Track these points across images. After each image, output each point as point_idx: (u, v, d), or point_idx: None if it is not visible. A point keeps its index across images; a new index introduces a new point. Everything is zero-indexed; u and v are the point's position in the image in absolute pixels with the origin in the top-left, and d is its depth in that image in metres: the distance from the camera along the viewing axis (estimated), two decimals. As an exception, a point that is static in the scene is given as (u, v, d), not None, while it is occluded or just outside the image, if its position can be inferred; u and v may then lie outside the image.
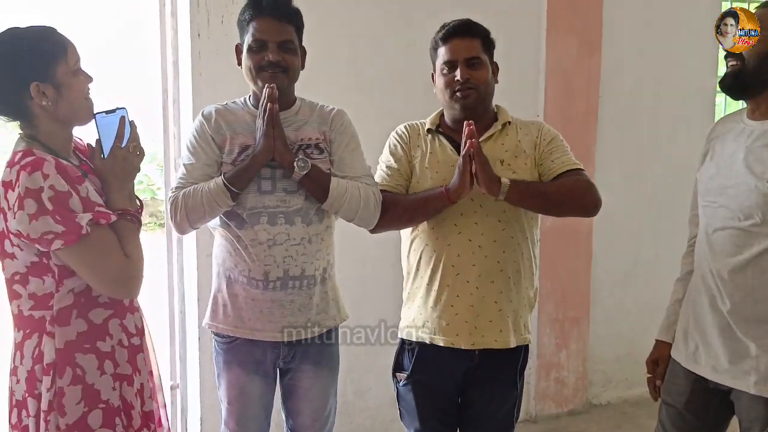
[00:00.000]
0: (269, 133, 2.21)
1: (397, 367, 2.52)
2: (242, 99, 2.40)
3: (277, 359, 2.40)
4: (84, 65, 1.90)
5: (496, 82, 2.44)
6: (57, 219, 1.72)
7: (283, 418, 2.55)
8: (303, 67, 2.37)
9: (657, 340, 2.37)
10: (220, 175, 2.27)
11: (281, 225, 2.30)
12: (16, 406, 1.86)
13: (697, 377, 2.15)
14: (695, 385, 2.16)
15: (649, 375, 2.38)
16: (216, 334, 2.44)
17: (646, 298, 4.15)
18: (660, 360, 2.33)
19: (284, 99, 2.30)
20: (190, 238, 3.36)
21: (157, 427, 2.04)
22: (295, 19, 2.30)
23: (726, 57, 2.11)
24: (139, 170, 1.96)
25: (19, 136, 1.87)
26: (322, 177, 2.29)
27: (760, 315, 2.02)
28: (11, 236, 1.78)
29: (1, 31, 1.83)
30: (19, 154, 1.78)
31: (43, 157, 1.76)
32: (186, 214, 2.26)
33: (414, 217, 2.38)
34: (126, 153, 1.92)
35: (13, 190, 1.73)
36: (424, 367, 2.45)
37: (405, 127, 2.50)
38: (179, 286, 3.48)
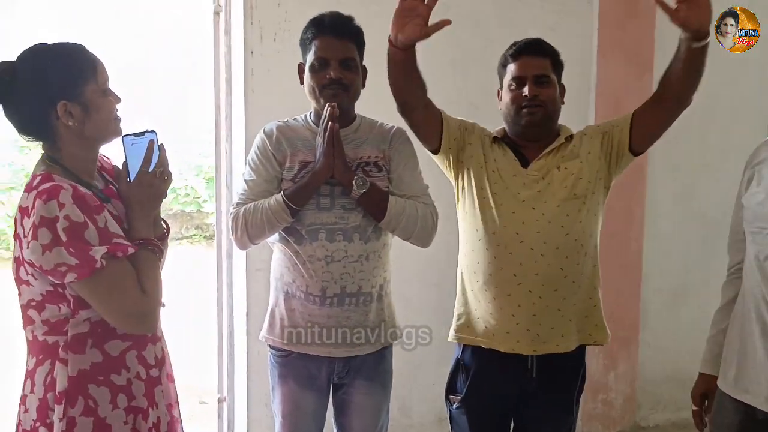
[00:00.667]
0: (329, 152, 2.23)
1: (451, 389, 2.50)
2: (303, 116, 2.42)
3: (331, 374, 2.41)
4: (112, 85, 1.83)
5: (563, 103, 2.44)
6: (71, 251, 1.64)
7: None
8: (364, 85, 2.38)
9: (702, 374, 2.28)
10: (280, 191, 2.29)
11: (339, 242, 2.31)
12: None
13: (746, 408, 2.07)
14: (744, 417, 2.08)
15: (695, 408, 2.30)
16: (272, 348, 2.45)
17: (696, 319, 4.04)
18: (708, 393, 2.25)
19: (344, 116, 2.31)
20: (240, 252, 3.38)
21: None
22: (357, 38, 2.33)
23: None
24: (165, 196, 1.89)
25: (40, 157, 1.80)
26: (380, 196, 2.29)
27: None
28: (26, 264, 1.71)
29: (29, 47, 1.77)
30: (38, 179, 1.71)
31: (61, 184, 1.67)
32: (246, 229, 2.29)
33: (399, 73, 2.27)
34: (152, 178, 1.84)
35: (29, 217, 1.66)
36: (479, 387, 2.43)
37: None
38: (228, 300, 3.50)
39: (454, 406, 2.48)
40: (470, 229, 2.44)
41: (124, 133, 1.84)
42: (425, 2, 2.14)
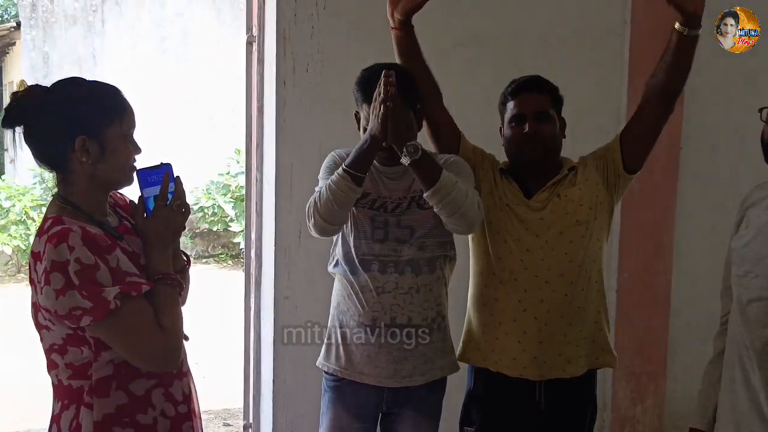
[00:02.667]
0: (383, 114, 2.20)
1: (465, 421, 2.53)
2: None
3: (380, 403, 2.45)
4: (137, 136, 1.81)
5: (564, 137, 2.47)
6: (84, 294, 1.61)
7: None
8: (420, 127, 2.43)
9: (690, 429, 2.22)
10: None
11: (391, 274, 2.35)
12: None
13: None
14: None
15: None
16: (326, 373, 2.50)
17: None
18: None
19: (394, 155, 2.32)
20: (269, 279, 3.42)
21: None
22: (403, 81, 2.29)
23: None
24: (184, 229, 1.85)
25: (52, 198, 1.79)
26: (434, 165, 2.27)
27: None
28: (42, 310, 1.69)
29: (66, 77, 1.80)
30: (49, 222, 1.69)
31: (70, 227, 1.65)
32: (317, 210, 2.28)
33: (406, 57, 2.44)
34: (169, 212, 1.80)
35: (41, 263, 1.64)
36: (491, 417, 2.46)
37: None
38: (256, 327, 3.52)
39: None
40: (478, 253, 2.48)
41: (138, 167, 1.81)
42: None
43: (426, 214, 2.37)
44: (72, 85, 1.77)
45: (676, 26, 2.27)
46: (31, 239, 9.10)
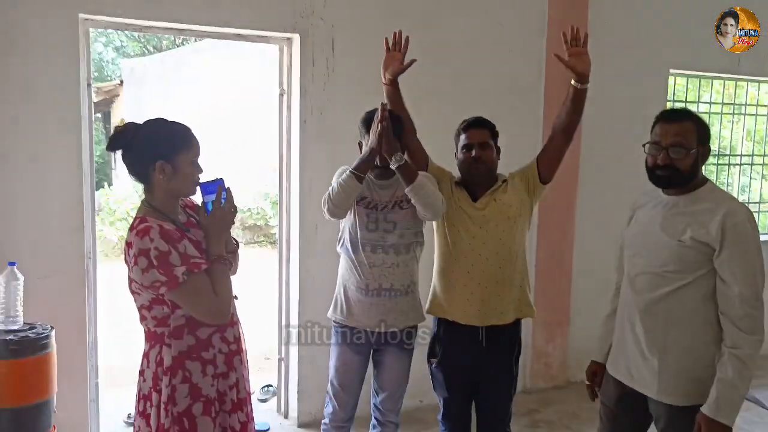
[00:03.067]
0: (380, 133, 2.22)
1: (431, 353, 2.53)
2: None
3: (371, 342, 2.45)
4: (200, 160, 1.78)
5: (498, 159, 2.47)
6: (161, 272, 1.62)
7: (373, 392, 2.55)
8: (403, 152, 2.35)
9: (592, 360, 2.24)
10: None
11: (379, 254, 2.35)
12: (142, 398, 1.77)
13: (620, 383, 2.06)
14: (621, 390, 2.06)
15: (588, 383, 2.25)
16: (334, 322, 2.50)
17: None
18: (595, 373, 2.21)
19: (387, 170, 2.34)
20: (294, 258, 3.40)
21: (249, 409, 1.90)
22: (395, 124, 2.29)
23: (656, 168, 1.91)
24: (233, 223, 1.80)
25: (141, 202, 1.78)
26: (412, 170, 2.30)
27: (664, 340, 1.92)
28: (133, 282, 1.70)
29: (153, 117, 1.78)
30: (137, 221, 1.69)
31: (152, 225, 1.65)
32: (330, 199, 2.29)
33: (393, 103, 2.40)
34: (222, 212, 1.77)
35: (131, 249, 1.66)
36: (449, 351, 2.45)
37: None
38: (286, 292, 3.50)
39: (433, 365, 2.50)
40: (440, 239, 2.47)
41: (201, 181, 1.79)
42: (400, 51, 2.37)
43: (405, 213, 2.37)
44: (155, 124, 1.76)
45: (571, 82, 2.30)
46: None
